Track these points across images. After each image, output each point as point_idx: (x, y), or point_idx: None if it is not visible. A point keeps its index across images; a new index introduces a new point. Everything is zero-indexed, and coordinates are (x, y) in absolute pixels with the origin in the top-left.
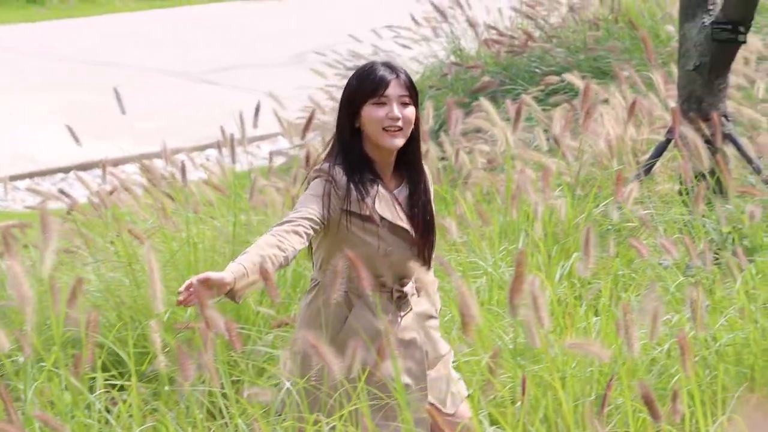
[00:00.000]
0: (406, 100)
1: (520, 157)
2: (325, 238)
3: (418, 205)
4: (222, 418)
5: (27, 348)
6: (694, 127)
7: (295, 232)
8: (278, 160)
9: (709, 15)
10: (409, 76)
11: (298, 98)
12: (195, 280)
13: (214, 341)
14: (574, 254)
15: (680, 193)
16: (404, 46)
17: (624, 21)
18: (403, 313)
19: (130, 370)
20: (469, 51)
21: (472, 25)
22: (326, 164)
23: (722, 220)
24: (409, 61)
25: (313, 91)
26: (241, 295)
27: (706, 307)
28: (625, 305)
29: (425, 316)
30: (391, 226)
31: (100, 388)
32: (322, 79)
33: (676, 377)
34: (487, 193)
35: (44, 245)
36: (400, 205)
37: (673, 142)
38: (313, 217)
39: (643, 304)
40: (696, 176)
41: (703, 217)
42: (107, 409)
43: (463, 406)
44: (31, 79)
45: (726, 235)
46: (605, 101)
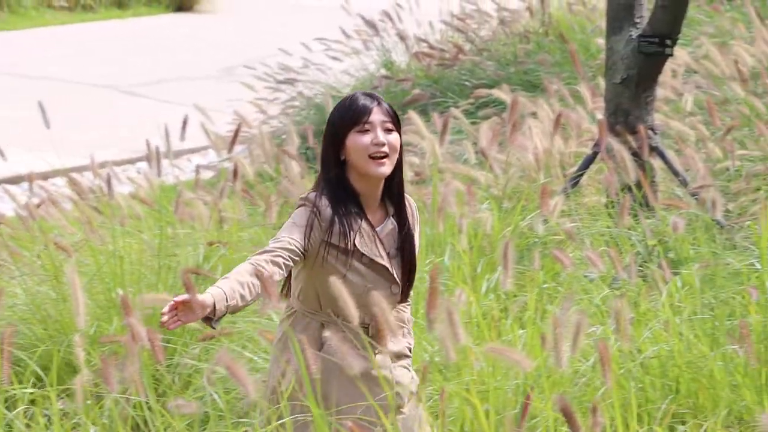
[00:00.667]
0: (389, 126)
1: (448, 169)
2: (304, 269)
3: (404, 241)
4: (147, 431)
5: None
6: (621, 140)
7: (275, 263)
8: (208, 174)
9: (636, 28)
10: (389, 106)
11: (229, 111)
12: (178, 302)
13: (139, 354)
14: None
15: (607, 206)
16: (335, 59)
17: (554, 34)
18: (377, 350)
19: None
20: (400, 64)
21: (403, 38)
22: (313, 194)
23: (647, 232)
24: (339, 74)
25: (242, 105)
26: (218, 319)
27: (630, 320)
28: (555, 319)
29: (400, 356)
30: (371, 263)
31: (25, 403)
32: (252, 93)
33: (602, 390)
34: None
35: None
36: (381, 242)
37: (600, 155)
38: (293, 248)
39: (566, 317)
40: (623, 189)
41: (629, 229)
42: (27, 425)
43: None
44: None
45: (651, 247)
46: (534, 114)
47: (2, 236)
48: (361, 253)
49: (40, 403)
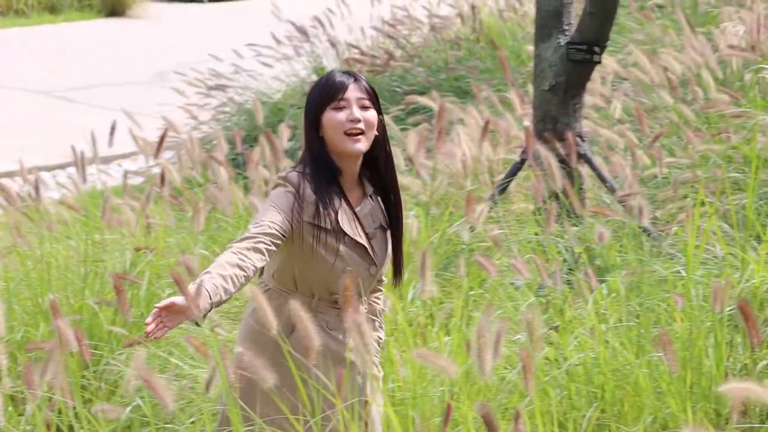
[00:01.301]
0: (366, 103)
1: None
2: (282, 249)
3: (393, 217)
4: None
5: None
6: (549, 147)
7: (257, 249)
8: (138, 179)
9: (565, 35)
10: (368, 83)
11: (160, 117)
12: (161, 307)
13: (65, 358)
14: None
15: (535, 213)
16: (266, 65)
17: (485, 41)
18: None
19: None
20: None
21: (334, 44)
22: (293, 173)
23: (573, 240)
24: (270, 80)
25: (173, 110)
26: (203, 317)
27: (556, 327)
28: (479, 329)
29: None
30: (351, 243)
31: None
32: (183, 98)
33: (528, 397)
34: None
35: None
36: (359, 222)
37: (527, 162)
38: (274, 232)
39: (487, 326)
40: (550, 196)
41: (556, 237)
42: None
43: None
44: None
45: (578, 255)
46: (463, 121)
47: None
48: (342, 233)
49: None
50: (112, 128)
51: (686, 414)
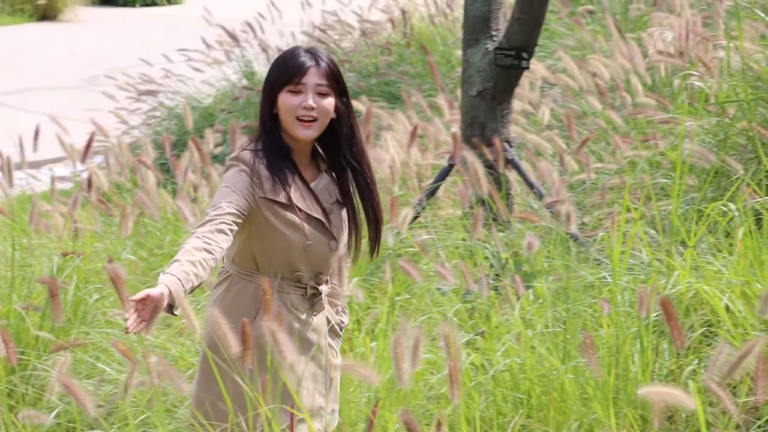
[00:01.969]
0: (324, 90)
1: None
2: (241, 230)
3: (338, 199)
4: None
5: None
6: (476, 153)
7: (220, 231)
8: (68, 184)
9: (493, 41)
10: (333, 64)
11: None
12: (137, 300)
13: None
14: (354, 279)
15: (463, 219)
16: (196, 70)
17: (416, 46)
18: (316, 313)
19: None
20: (261, 75)
21: (265, 48)
22: (245, 151)
23: (499, 246)
24: (200, 85)
25: (104, 115)
26: (178, 306)
27: (482, 333)
28: (397, 338)
29: (336, 331)
30: (308, 218)
31: None
32: (114, 102)
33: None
34: None
35: None
36: (315, 197)
37: (455, 167)
38: (235, 211)
39: (405, 334)
40: (479, 201)
41: (484, 242)
42: None
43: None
44: None
45: (505, 260)
46: (391, 127)
47: None
48: (298, 208)
49: None
50: (36, 132)
51: (612, 419)
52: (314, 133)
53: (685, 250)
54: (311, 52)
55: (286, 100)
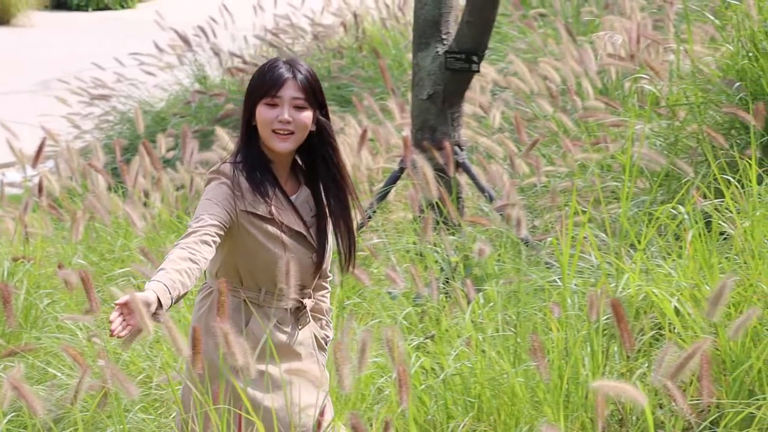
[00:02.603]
0: (301, 103)
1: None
2: (223, 244)
3: (319, 212)
4: None
5: None
6: (427, 156)
7: (204, 242)
8: (20, 189)
9: (443, 44)
10: (311, 77)
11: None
12: (121, 304)
13: None
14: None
15: (414, 222)
16: (149, 74)
17: (368, 49)
18: (301, 327)
19: None
20: (214, 79)
21: (217, 53)
22: (225, 164)
23: (449, 249)
24: (153, 89)
25: (56, 119)
26: (163, 313)
27: (432, 337)
28: (337, 343)
29: (320, 341)
30: (289, 231)
31: None
32: (66, 107)
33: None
34: None
35: None
36: (296, 209)
37: (406, 171)
38: (217, 223)
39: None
40: (430, 205)
41: (435, 246)
42: None
43: None
44: None
45: (455, 264)
46: (343, 130)
47: None
48: (279, 221)
49: None
50: None
51: (562, 423)
52: (291, 145)
53: (635, 253)
54: (290, 64)
55: (263, 113)
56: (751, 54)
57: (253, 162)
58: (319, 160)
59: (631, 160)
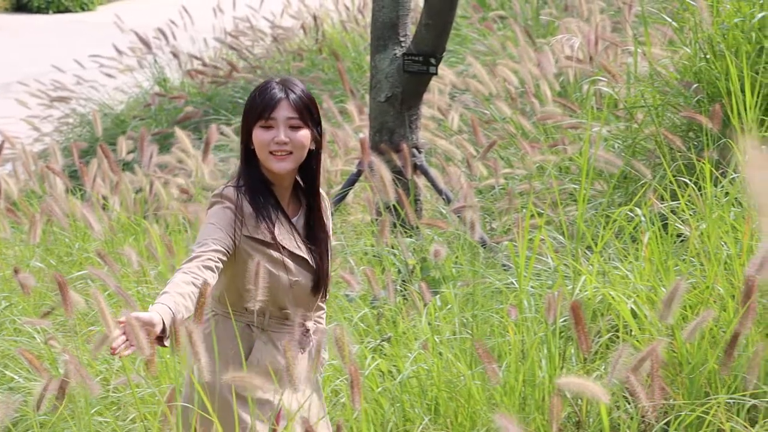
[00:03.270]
0: (296, 122)
1: (213, 187)
2: (226, 269)
3: (317, 232)
4: None
5: None
6: (384, 159)
7: (207, 267)
8: None
9: (401, 47)
10: (305, 96)
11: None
12: (126, 320)
13: None
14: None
15: (371, 224)
16: (109, 76)
17: (328, 52)
18: (304, 350)
19: None
20: (174, 81)
21: (177, 55)
22: (229, 188)
23: (406, 252)
24: (113, 91)
25: (16, 122)
26: (168, 337)
27: (388, 339)
28: (286, 344)
29: (319, 365)
30: (292, 256)
31: None
32: (26, 110)
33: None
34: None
35: None
36: (298, 233)
37: (364, 174)
38: (221, 248)
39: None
40: (387, 207)
41: (392, 248)
42: None
43: None
44: None
45: (412, 266)
46: None
47: None
48: (282, 246)
49: None
50: None
51: (519, 425)
52: (290, 165)
53: (592, 256)
54: (283, 84)
55: (259, 136)
56: (708, 56)
57: (255, 186)
58: (314, 180)
59: (589, 162)
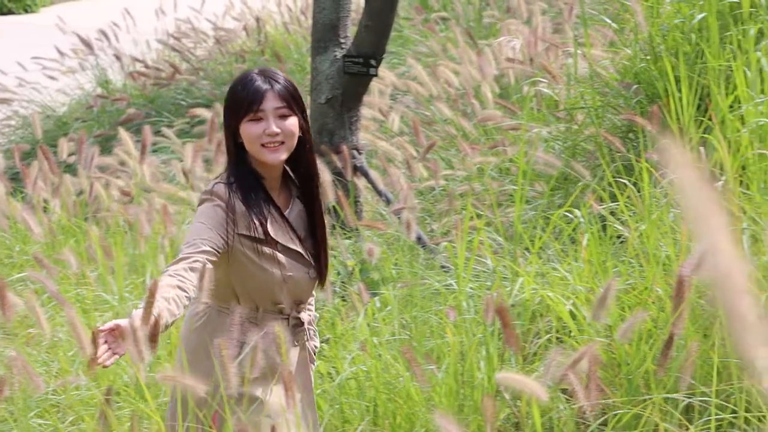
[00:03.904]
0: (285, 111)
1: (154, 189)
2: (218, 267)
3: (314, 222)
4: None
5: None
6: (325, 160)
7: (194, 269)
8: None
9: (341, 48)
10: (289, 84)
11: None
12: (105, 331)
13: None
14: None
15: None
16: (51, 78)
17: (270, 53)
18: (297, 344)
19: None
20: (116, 83)
21: (119, 57)
22: (219, 185)
23: (345, 253)
24: (55, 93)
25: None
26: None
27: (326, 340)
28: (221, 344)
29: (311, 354)
30: (285, 250)
31: None
32: None
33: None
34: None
35: None
36: (291, 226)
37: None
38: (210, 249)
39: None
40: (327, 209)
41: (332, 249)
42: None
43: None
44: None
45: (351, 268)
46: None
47: None
48: (276, 241)
49: None
50: None
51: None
52: (283, 155)
53: (530, 257)
54: (265, 75)
55: (249, 130)
56: (648, 57)
57: (245, 182)
58: (304, 168)
59: (528, 163)
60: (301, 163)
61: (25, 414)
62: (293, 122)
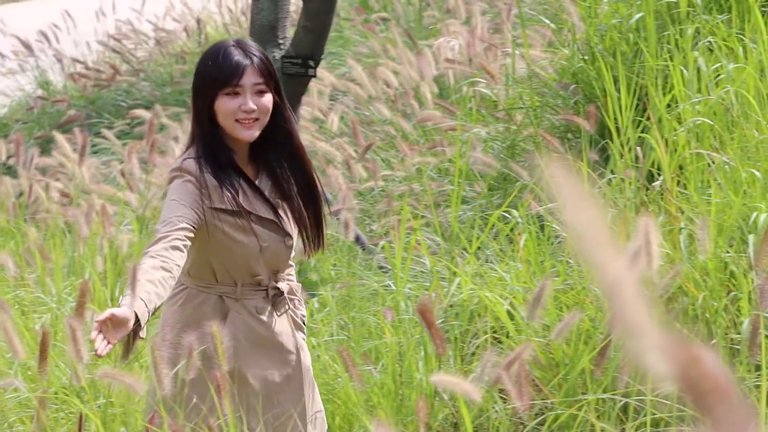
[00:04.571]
0: (262, 87)
1: (93, 190)
2: (194, 243)
3: (286, 192)
4: None
5: None
6: None
7: (174, 248)
8: None
9: (280, 49)
10: (266, 58)
11: None
12: (102, 320)
13: None
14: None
15: None
16: None
17: None
18: (280, 313)
19: None
20: (57, 85)
21: (60, 58)
22: (188, 160)
23: None
24: None
25: None
26: (144, 328)
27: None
28: (154, 344)
29: (299, 324)
30: (260, 220)
31: None
32: None
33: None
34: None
35: None
36: (262, 196)
37: None
38: (187, 225)
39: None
40: None
41: None
42: None
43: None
44: None
45: None
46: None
47: None
48: (249, 212)
49: None
50: None
51: (395, 427)
52: (257, 132)
53: (468, 257)
54: (242, 48)
55: (224, 104)
56: (586, 57)
57: (216, 156)
58: (278, 143)
59: (465, 163)
60: (275, 135)
61: None
62: (269, 99)
